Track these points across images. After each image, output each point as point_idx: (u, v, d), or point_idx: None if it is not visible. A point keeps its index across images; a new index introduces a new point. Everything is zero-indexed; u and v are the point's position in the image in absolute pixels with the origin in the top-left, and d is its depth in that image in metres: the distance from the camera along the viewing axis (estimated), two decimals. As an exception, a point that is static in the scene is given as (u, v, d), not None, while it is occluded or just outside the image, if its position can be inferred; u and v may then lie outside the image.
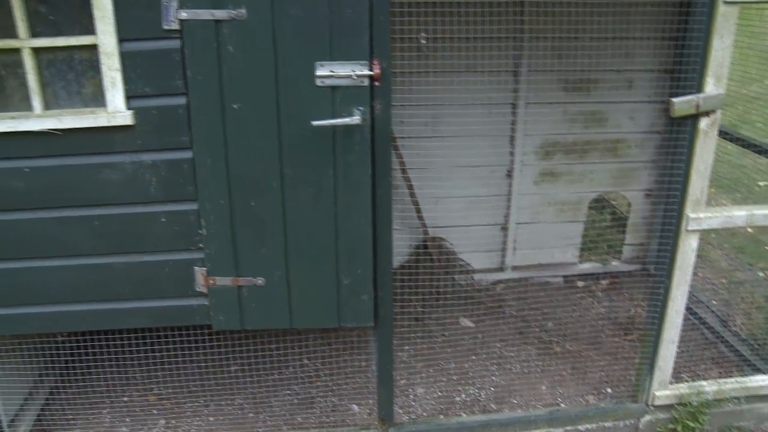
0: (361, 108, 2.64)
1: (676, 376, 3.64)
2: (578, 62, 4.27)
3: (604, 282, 4.88)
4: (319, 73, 2.59)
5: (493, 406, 3.66)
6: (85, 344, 3.36)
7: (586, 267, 4.89)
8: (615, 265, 4.93)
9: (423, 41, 3.66)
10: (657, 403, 3.55)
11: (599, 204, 4.94)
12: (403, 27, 3.34)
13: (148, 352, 3.36)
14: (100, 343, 3.33)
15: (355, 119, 2.61)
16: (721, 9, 2.81)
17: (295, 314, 2.98)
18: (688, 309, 4.10)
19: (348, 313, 2.99)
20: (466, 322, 4.34)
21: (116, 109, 2.67)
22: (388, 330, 3.11)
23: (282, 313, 2.98)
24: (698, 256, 4.60)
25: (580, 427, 3.56)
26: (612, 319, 4.46)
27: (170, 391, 3.73)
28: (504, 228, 4.65)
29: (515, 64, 4.27)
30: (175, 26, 2.57)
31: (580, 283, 4.86)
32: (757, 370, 3.79)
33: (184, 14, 2.55)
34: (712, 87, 2.93)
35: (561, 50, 4.23)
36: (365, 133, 2.68)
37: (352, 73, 2.59)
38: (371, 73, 2.59)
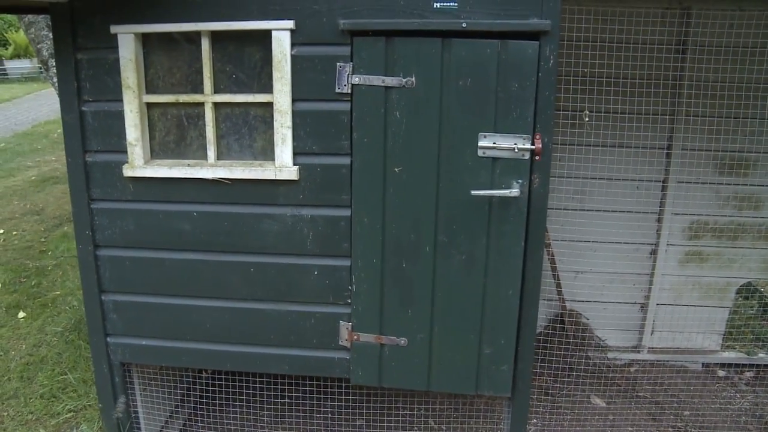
0: (520, 180, 2.67)
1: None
2: (734, 143, 4.15)
3: (747, 374, 4.63)
4: (481, 144, 2.65)
5: (622, 492, 3.53)
6: (221, 380, 3.50)
7: (729, 356, 4.65)
8: (762, 356, 4.66)
9: (587, 119, 3.68)
10: None
11: (748, 290, 4.72)
12: (566, 103, 3.37)
13: (281, 396, 3.46)
14: (236, 380, 3.46)
15: (514, 191, 2.65)
16: None
17: (433, 377, 3.01)
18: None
19: (486, 381, 2.98)
20: (597, 401, 4.21)
21: (283, 163, 2.82)
22: (524, 402, 3.08)
23: (421, 375, 3.01)
24: None
25: None
26: (755, 414, 4.21)
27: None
28: (643, 307, 4.52)
29: (668, 142, 4.19)
30: (347, 90, 2.71)
31: (721, 372, 4.63)
32: None
33: (356, 79, 2.68)
34: None
35: (716, 130, 4.12)
36: (521, 205, 2.71)
37: (514, 146, 2.63)
38: (533, 147, 2.62)
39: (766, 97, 3.88)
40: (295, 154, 2.83)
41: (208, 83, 2.83)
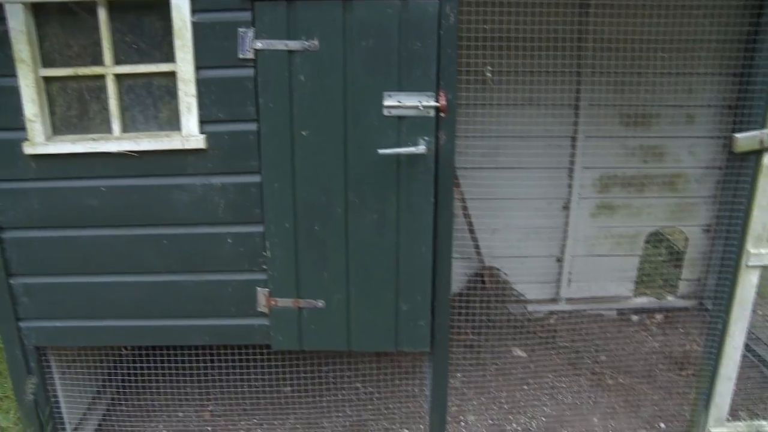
0: (426, 138, 2.71)
1: (733, 414, 3.59)
2: (638, 97, 4.29)
3: (658, 317, 4.84)
4: (386, 103, 2.68)
5: (544, 436, 3.67)
6: (145, 359, 3.46)
7: (641, 301, 4.85)
8: (670, 300, 4.88)
9: (489, 74, 3.74)
10: (713, 440, 3.51)
11: (656, 238, 4.91)
12: (469, 60, 3.41)
13: (205, 370, 3.45)
14: (159, 358, 3.43)
15: (420, 149, 2.68)
16: (787, 46, 2.82)
17: (353, 337, 3.05)
18: (747, 347, 4.04)
19: (405, 338, 3.04)
20: (518, 352, 4.34)
21: (190, 133, 2.79)
22: (443, 356, 3.15)
23: (340, 336, 3.05)
24: (757, 294, 4.54)
25: (633, 462, 3.54)
26: (666, 354, 4.42)
27: (225, 408, 3.81)
28: (559, 260, 4.66)
29: (575, 98, 4.30)
30: (250, 56, 2.69)
31: (634, 317, 4.83)
32: (819, 413, 3.72)
33: (259, 44, 2.66)
34: (776, 124, 2.92)
35: (622, 85, 4.25)
36: (429, 162, 2.75)
37: (418, 104, 2.67)
38: (437, 104, 2.66)
39: (666, 51, 4.01)
40: (202, 122, 2.80)
41: (108, 54, 2.76)
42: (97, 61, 2.79)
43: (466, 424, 3.74)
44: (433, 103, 2.67)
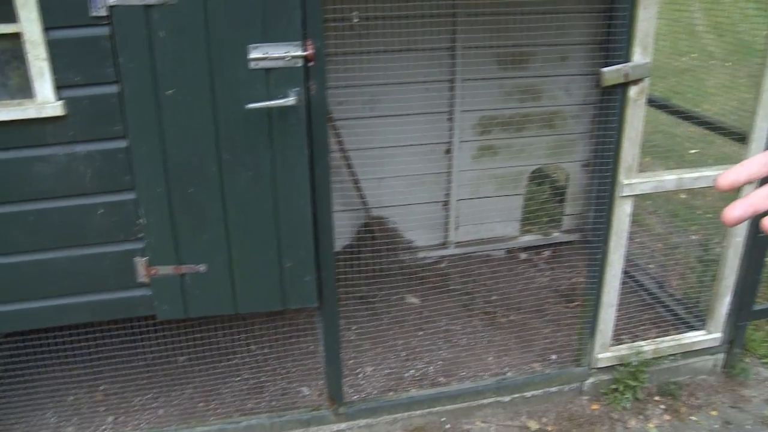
0: (295, 89, 2.63)
1: (617, 339, 3.75)
2: (512, 37, 4.33)
3: (545, 253, 4.98)
4: (252, 55, 2.58)
5: (442, 379, 3.72)
6: (26, 344, 3.29)
7: (528, 239, 4.98)
8: (556, 235, 5.03)
9: (355, 20, 3.67)
10: (599, 365, 3.66)
11: (538, 176, 5.03)
12: (337, 6, 3.34)
13: (92, 349, 3.32)
14: (42, 342, 3.27)
15: (290, 100, 2.61)
16: (644, -20, 2.89)
17: (239, 299, 2.98)
18: (627, 274, 4.21)
19: (292, 295, 3.00)
20: (411, 300, 4.38)
21: (45, 99, 2.61)
22: (332, 310, 3.13)
23: (226, 299, 2.97)
24: (635, 223, 4.74)
25: (526, 394, 3.65)
26: (555, 288, 4.57)
27: (118, 387, 3.69)
28: (445, 205, 4.70)
29: (451, 41, 4.30)
30: (104, 12, 2.52)
31: (523, 255, 4.96)
32: (691, 328, 3.94)
33: (112, 0, 2.50)
34: (639, 56, 3.00)
35: (495, 25, 4.28)
36: (301, 114, 2.68)
37: (285, 55, 2.58)
38: (305, 53, 2.59)
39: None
40: (58, 87, 2.61)
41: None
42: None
43: (365, 375, 3.76)
44: (300, 53, 2.59)
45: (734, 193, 0.75)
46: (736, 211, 0.70)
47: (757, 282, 3.79)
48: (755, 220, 0.74)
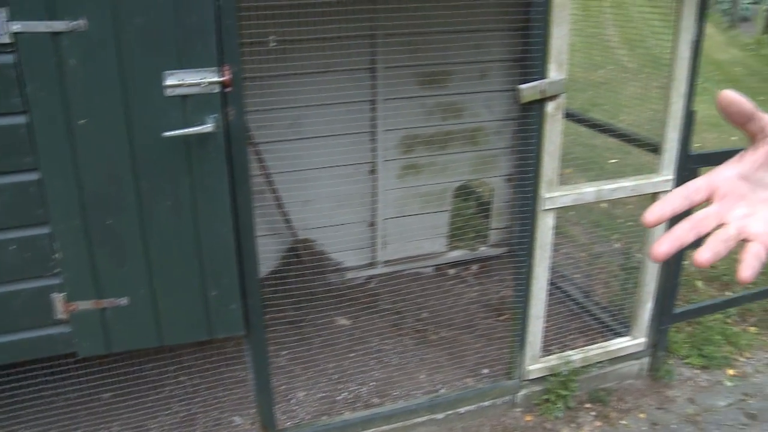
0: (213, 115, 2.58)
1: (546, 349, 3.80)
2: (432, 56, 4.37)
3: (474, 268, 5.03)
4: (168, 82, 2.52)
5: (375, 400, 3.70)
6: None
7: (456, 255, 5.01)
8: (483, 250, 5.08)
9: (272, 44, 3.64)
10: (530, 377, 3.70)
11: (463, 192, 5.08)
12: (256, 31, 3.29)
13: (9, 393, 3.17)
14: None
15: (208, 127, 2.56)
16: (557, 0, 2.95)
17: (164, 331, 2.89)
18: (554, 284, 4.28)
19: (218, 324, 2.93)
20: (341, 321, 4.35)
21: (-52, 133, 2.49)
22: (260, 337, 3.07)
23: (151, 332, 2.88)
24: (560, 234, 4.84)
25: (460, 410, 3.66)
26: (484, 303, 4.60)
27: (39, 429, 3.52)
28: (372, 224, 4.70)
29: (371, 62, 4.31)
30: (7, 39, 2.42)
31: (451, 271, 4.99)
32: (617, 334, 4.03)
33: (16, 27, 2.40)
34: (554, 73, 3.07)
35: (415, 45, 4.31)
36: (219, 140, 2.63)
37: (201, 81, 2.53)
38: (221, 79, 2.54)
39: (455, 7, 4.08)
40: (-40, 120, 2.51)
41: None
42: None
43: (297, 400, 3.71)
44: (216, 79, 2.54)
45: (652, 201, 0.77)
46: (663, 246, 0.72)
47: (676, 286, 3.91)
48: (671, 223, 0.76)
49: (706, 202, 0.76)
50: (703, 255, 0.72)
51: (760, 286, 4.39)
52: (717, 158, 3.66)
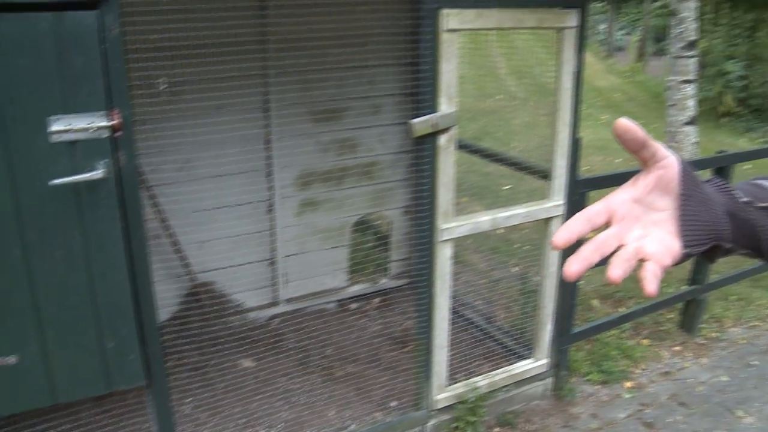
0: (103, 161, 2.51)
1: (453, 378, 3.84)
2: (325, 93, 4.41)
3: (376, 300, 5.04)
4: (53, 128, 2.43)
5: (284, 442, 3.64)
6: None
7: (357, 289, 5.02)
8: (384, 282, 5.11)
9: (163, 86, 3.58)
10: (438, 406, 3.73)
11: (361, 226, 5.11)
12: (145, 73, 3.23)
13: None
14: None
15: (98, 173, 2.47)
16: (444, 36, 3.05)
17: (59, 388, 2.74)
18: (456, 312, 4.35)
19: (117, 376, 2.81)
20: (246, 363, 4.27)
21: None
22: (163, 385, 2.98)
23: (43, 390, 2.73)
24: (459, 262, 4.92)
25: (371, 446, 3.64)
26: (388, 335, 4.62)
27: None
28: (272, 263, 4.65)
29: (264, 101, 4.30)
30: None
31: (354, 305, 4.98)
32: (521, 357, 4.13)
33: None
34: (445, 106, 3.15)
35: (307, 83, 4.33)
36: (111, 186, 2.54)
37: (89, 126, 2.46)
38: (111, 123, 2.48)
39: (344, 47, 4.13)
40: None
41: None
42: None
43: (203, 448, 3.60)
44: (105, 123, 2.48)
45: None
46: (573, 266, 0.76)
47: (573, 307, 4.05)
48: (569, 250, 0.81)
49: (606, 224, 0.81)
50: (615, 272, 0.75)
51: (651, 300, 4.60)
52: (603, 182, 3.84)
